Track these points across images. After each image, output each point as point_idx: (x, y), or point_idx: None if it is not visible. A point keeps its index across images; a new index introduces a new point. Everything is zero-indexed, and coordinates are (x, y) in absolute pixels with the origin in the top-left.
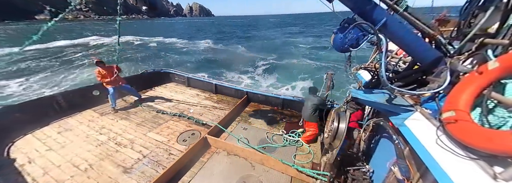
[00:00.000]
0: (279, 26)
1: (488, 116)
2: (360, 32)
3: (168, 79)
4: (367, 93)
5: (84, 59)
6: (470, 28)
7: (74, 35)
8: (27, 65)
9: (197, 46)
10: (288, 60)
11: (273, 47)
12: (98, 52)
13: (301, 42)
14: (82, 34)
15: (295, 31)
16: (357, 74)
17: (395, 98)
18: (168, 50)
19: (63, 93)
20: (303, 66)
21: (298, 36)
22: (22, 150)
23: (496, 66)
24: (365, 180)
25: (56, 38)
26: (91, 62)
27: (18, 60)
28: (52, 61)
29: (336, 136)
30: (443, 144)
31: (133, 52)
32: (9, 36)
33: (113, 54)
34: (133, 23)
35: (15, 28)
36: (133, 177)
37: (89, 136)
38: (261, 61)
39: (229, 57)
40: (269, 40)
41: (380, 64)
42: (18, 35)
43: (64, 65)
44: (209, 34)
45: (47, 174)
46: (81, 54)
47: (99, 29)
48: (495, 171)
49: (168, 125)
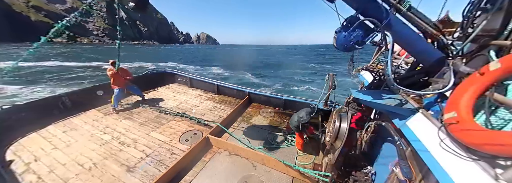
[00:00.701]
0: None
1: (490, 117)
2: (365, 30)
3: (171, 79)
4: (369, 94)
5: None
6: (472, 29)
7: (83, 59)
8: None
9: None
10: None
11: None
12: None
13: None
14: (92, 58)
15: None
16: (359, 75)
17: (397, 99)
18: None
19: (68, 93)
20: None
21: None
22: (28, 148)
23: (498, 67)
24: (367, 181)
25: (68, 59)
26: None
27: (33, 72)
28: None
29: (337, 137)
30: (444, 145)
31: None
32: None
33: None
34: (142, 49)
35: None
36: (136, 176)
37: (94, 135)
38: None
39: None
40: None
41: (386, 63)
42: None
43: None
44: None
45: (52, 172)
46: (89, 74)
47: (112, 53)
48: (496, 172)
49: (171, 125)
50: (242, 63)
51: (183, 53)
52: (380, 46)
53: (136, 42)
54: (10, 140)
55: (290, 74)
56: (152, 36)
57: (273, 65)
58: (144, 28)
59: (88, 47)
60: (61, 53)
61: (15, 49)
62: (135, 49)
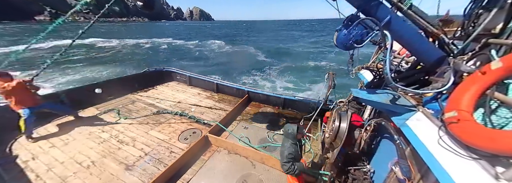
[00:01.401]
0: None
1: (491, 116)
2: (365, 29)
3: (170, 78)
4: (369, 93)
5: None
6: (473, 28)
7: (71, 36)
8: (28, 61)
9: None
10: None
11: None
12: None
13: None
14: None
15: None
16: (359, 74)
17: (397, 98)
18: (182, 53)
19: (66, 91)
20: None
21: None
22: (26, 146)
23: (499, 66)
24: (366, 180)
25: (55, 37)
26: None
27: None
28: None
29: (337, 135)
30: (444, 144)
31: (145, 55)
32: (10, 34)
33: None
34: (132, 26)
35: (9, 28)
36: (135, 174)
37: (92, 133)
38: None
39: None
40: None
41: (385, 61)
42: (17, 34)
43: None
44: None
45: (50, 171)
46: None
47: (99, 31)
48: (497, 171)
49: (170, 124)
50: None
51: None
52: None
53: (123, 19)
54: (7, 138)
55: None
56: (140, 11)
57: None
58: (132, 3)
59: (75, 25)
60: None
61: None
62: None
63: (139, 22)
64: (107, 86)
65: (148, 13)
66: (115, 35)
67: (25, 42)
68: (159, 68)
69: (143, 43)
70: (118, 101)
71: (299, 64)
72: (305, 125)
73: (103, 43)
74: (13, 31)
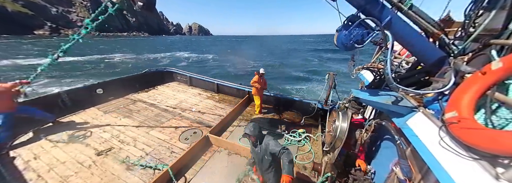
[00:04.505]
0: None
1: (491, 117)
2: (365, 29)
3: (170, 78)
4: (370, 93)
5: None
6: (474, 28)
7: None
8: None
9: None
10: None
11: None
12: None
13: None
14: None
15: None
16: (360, 75)
17: (397, 99)
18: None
19: (68, 91)
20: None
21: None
22: (28, 146)
23: (499, 66)
24: (367, 180)
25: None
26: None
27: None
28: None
29: (337, 136)
30: (445, 145)
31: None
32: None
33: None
34: (133, 41)
35: (7, 42)
36: (136, 174)
37: (93, 133)
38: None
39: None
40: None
41: (386, 62)
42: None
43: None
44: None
45: (52, 170)
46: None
47: (103, 47)
48: (497, 171)
49: (170, 124)
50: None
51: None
52: (381, 45)
53: (124, 34)
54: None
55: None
56: (141, 27)
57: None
58: (132, 19)
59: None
60: (49, 46)
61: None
62: (130, 42)
63: (140, 36)
64: (108, 87)
65: (147, 19)
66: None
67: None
68: (160, 68)
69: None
70: (119, 101)
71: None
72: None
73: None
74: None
